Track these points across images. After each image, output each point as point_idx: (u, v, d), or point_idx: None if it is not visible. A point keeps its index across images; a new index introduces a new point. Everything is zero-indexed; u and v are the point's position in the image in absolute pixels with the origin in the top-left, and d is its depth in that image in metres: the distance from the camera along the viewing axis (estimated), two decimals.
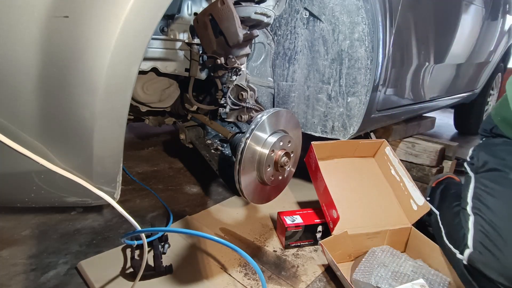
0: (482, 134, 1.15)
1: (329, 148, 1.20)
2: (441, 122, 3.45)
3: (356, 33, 1.06)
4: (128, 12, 0.54)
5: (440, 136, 2.95)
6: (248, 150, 0.86)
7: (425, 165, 1.60)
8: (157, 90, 1.21)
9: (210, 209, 1.35)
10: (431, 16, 1.44)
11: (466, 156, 1.12)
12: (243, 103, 1.07)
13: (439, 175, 1.32)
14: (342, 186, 1.16)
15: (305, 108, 1.25)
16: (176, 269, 0.96)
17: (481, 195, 0.94)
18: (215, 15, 0.91)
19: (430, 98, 1.77)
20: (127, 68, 0.58)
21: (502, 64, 2.91)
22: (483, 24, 1.98)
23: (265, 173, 0.91)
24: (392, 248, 1.03)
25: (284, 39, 1.22)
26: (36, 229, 1.15)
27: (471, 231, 0.88)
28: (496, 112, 1.11)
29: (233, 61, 1.01)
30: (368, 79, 1.09)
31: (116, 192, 0.68)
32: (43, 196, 0.63)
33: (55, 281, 0.92)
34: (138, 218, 1.27)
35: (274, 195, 1.05)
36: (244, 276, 0.96)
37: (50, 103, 0.55)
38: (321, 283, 0.96)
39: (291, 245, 1.11)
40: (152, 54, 1.04)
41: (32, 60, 0.52)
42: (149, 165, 1.84)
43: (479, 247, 0.84)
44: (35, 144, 0.56)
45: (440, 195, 1.17)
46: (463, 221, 0.93)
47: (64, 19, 0.52)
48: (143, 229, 0.74)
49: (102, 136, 0.59)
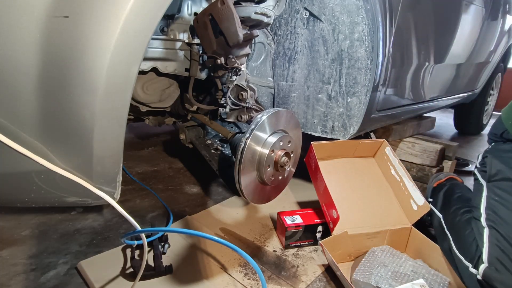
0: (492, 139, 1.10)
1: (329, 148, 1.20)
2: (441, 122, 3.45)
3: (356, 33, 1.06)
4: (128, 12, 0.54)
5: (440, 136, 2.95)
6: (248, 150, 0.86)
7: (425, 165, 1.60)
8: (157, 90, 1.21)
9: (210, 209, 1.35)
10: (431, 16, 1.44)
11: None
12: (243, 103, 1.07)
13: (440, 175, 1.30)
14: (342, 186, 1.16)
15: (305, 108, 1.25)
16: (176, 269, 0.96)
17: (495, 206, 0.90)
18: (215, 15, 0.91)
19: (430, 98, 1.77)
20: (127, 68, 0.58)
21: (502, 64, 2.92)
22: (483, 24, 1.98)
23: (265, 173, 0.91)
24: (392, 248, 1.03)
25: (284, 39, 1.22)
26: (36, 229, 1.15)
27: (486, 244, 0.85)
28: (508, 116, 1.05)
29: (233, 61, 1.01)
30: (368, 79, 1.09)
31: (116, 192, 0.68)
32: (43, 196, 0.63)
33: (55, 281, 0.92)
34: (138, 218, 1.27)
35: (274, 195, 1.05)
36: (244, 276, 0.96)
37: (50, 103, 0.55)
38: (321, 283, 0.96)
39: (291, 245, 1.11)
40: (152, 54, 1.04)
41: (32, 60, 0.52)
42: (149, 165, 1.84)
43: (495, 263, 0.80)
44: (35, 144, 0.56)
45: (443, 197, 1.14)
46: (476, 232, 0.90)
47: (64, 19, 0.52)
48: (143, 229, 0.74)
49: (102, 136, 0.59)
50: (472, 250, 0.87)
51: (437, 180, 1.27)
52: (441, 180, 1.26)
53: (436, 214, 1.09)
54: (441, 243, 1.00)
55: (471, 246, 0.88)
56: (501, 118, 1.07)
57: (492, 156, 1.01)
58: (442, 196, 1.15)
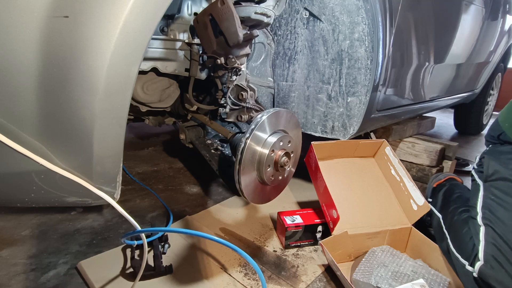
0: (489, 140, 1.10)
1: (329, 148, 1.20)
2: (441, 122, 3.45)
3: (356, 33, 1.06)
4: (128, 12, 0.54)
5: (440, 136, 2.95)
6: (248, 150, 0.86)
7: (425, 165, 1.60)
8: (157, 90, 1.21)
9: (210, 209, 1.35)
10: (431, 16, 1.44)
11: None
12: (243, 103, 1.07)
13: (440, 176, 1.30)
14: (342, 186, 1.16)
15: (305, 108, 1.25)
16: (176, 269, 0.96)
17: (491, 205, 0.90)
18: (215, 15, 0.91)
19: (430, 98, 1.77)
20: (127, 68, 0.58)
21: (502, 64, 2.92)
22: (483, 24, 1.98)
23: (265, 173, 0.91)
24: (392, 248, 1.03)
25: (284, 39, 1.22)
26: (36, 229, 1.15)
27: (482, 242, 0.85)
28: (504, 118, 1.05)
29: (233, 61, 1.01)
30: (368, 79, 1.09)
31: (116, 192, 0.68)
32: (43, 196, 0.63)
33: (55, 281, 0.92)
34: (138, 218, 1.27)
35: (274, 195, 1.05)
36: (244, 276, 0.96)
37: (50, 103, 0.55)
38: (321, 283, 0.96)
39: (291, 245, 1.11)
40: (152, 54, 1.04)
41: (32, 60, 0.52)
42: (149, 165, 1.84)
43: (491, 261, 0.81)
44: (35, 144, 0.56)
45: (443, 197, 1.15)
46: (473, 231, 0.90)
47: (64, 19, 0.52)
48: (143, 229, 0.74)
49: (102, 136, 0.59)
50: (468, 249, 0.88)
51: (437, 180, 1.27)
52: (440, 180, 1.26)
53: (436, 214, 1.09)
54: (439, 243, 1.00)
55: (467, 245, 0.89)
56: (498, 120, 1.07)
57: (489, 157, 1.01)
58: (442, 196, 1.16)
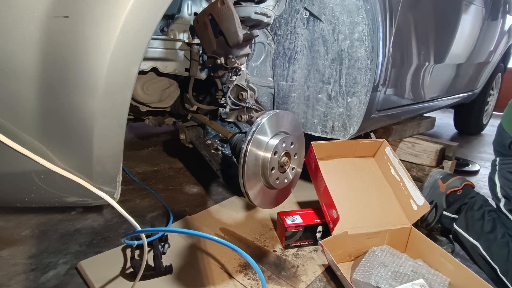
0: (498, 151, 1.01)
1: (329, 148, 1.20)
2: (441, 122, 3.45)
3: (356, 33, 1.06)
4: (128, 12, 0.54)
5: (440, 136, 2.95)
6: (251, 153, 0.85)
7: (425, 165, 1.60)
8: (157, 90, 1.21)
9: (210, 209, 1.35)
10: (431, 16, 1.44)
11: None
12: (243, 103, 1.07)
13: (452, 182, 1.16)
14: (342, 186, 1.16)
15: (305, 108, 1.25)
16: (176, 269, 0.96)
17: None
18: (215, 15, 0.91)
19: (430, 98, 1.77)
20: (127, 68, 0.58)
21: (502, 64, 2.92)
22: (483, 24, 1.98)
23: (270, 176, 0.89)
24: (392, 248, 1.03)
25: (284, 39, 1.22)
26: (36, 229, 1.15)
27: None
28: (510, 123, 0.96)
29: (233, 61, 1.01)
30: (368, 79, 1.09)
31: (116, 192, 0.67)
32: (43, 196, 0.63)
33: (55, 281, 0.92)
34: (138, 218, 1.27)
35: (282, 198, 1.01)
36: (244, 276, 0.96)
37: (50, 103, 0.55)
38: (321, 283, 0.96)
39: (291, 245, 1.11)
40: (152, 54, 1.04)
41: (32, 60, 0.52)
42: (149, 165, 1.84)
43: None
44: (35, 144, 0.56)
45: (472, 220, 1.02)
46: None
47: (64, 19, 0.52)
48: (143, 229, 0.74)
49: (102, 136, 0.59)
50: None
51: (451, 187, 1.15)
52: (457, 188, 1.13)
53: (469, 240, 1.00)
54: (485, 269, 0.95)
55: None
56: (503, 127, 0.98)
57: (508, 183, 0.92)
58: (471, 219, 1.03)
